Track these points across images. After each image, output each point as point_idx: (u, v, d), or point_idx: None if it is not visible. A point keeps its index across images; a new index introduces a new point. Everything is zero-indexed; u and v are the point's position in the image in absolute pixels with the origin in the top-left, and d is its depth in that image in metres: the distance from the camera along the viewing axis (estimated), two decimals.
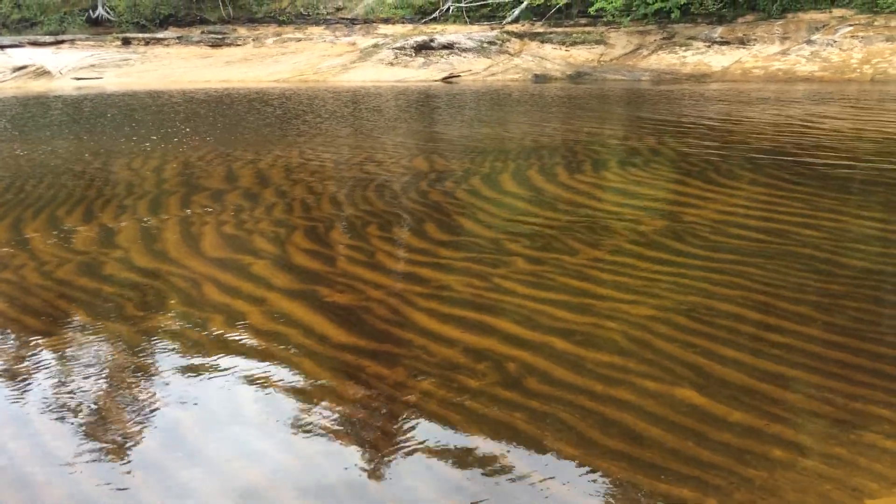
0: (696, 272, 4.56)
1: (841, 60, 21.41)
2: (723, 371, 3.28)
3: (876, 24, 22.13)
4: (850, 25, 22.45)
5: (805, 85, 19.38)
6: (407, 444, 2.82)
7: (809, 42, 22.69)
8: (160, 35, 31.03)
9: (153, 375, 3.43)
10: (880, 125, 11.10)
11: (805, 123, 11.51)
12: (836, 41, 22.15)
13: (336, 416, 3.03)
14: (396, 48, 26.51)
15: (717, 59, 23.64)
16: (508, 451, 2.73)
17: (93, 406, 3.16)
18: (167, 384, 3.34)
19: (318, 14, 31.82)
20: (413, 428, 2.92)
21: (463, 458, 2.71)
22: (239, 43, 30.28)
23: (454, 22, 29.29)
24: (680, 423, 2.88)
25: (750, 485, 2.48)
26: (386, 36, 28.69)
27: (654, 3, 24.61)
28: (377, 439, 2.86)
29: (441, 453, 2.75)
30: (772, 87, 18.80)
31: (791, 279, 4.37)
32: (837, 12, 23.44)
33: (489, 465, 2.66)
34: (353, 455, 2.76)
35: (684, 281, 4.41)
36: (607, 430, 2.86)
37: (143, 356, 3.63)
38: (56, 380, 3.41)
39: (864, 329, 3.68)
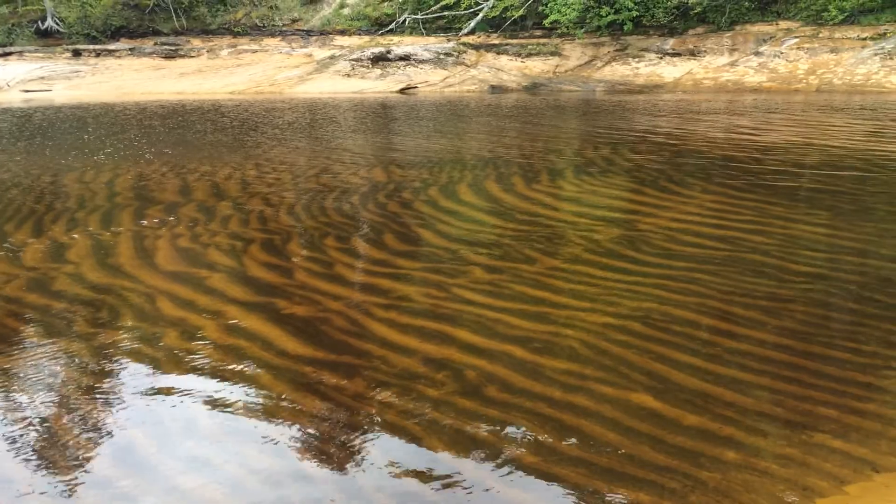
0: (651, 279, 4.63)
1: (788, 71, 22.00)
2: (678, 376, 3.34)
3: (821, 35, 22.81)
4: (796, 37, 23.11)
5: (754, 95, 19.86)
6: (367, 455, 2.81)
7: (757, 53, 23.28)
8: (112, 47, 30.55)
9: (106, 393, 3.37)
10: (826, 135, 11.42)
11: (754, 133, 11.79)
12: (782, 52, 22.77)
13: (295, 429, 3.01)
14: (353, 60, 26.51)
15: (669, 71, 24.13)
16: (469, 460, 2.74)
17: (44, 425, 3.08)
18: (121, 401, 3.28)
19: (273, 25, 31.65)
20: (373, 439, 2.92)
21: (423, 468, 2.71)
22: (193, 55, 29.96)
23: (411, 33, 29.39)
24: (636, 429, 2.92)
25: (705, 487, 2.53)
26: (342, 47, 28.66)
27: (607, 16, 25.02)
28: (337, 452, 2.85)
29: (401, 464, 2.74)
30: (722, 98, 19.22)
31: (743, 285, 4.46)
32: (784, 24, 24.11)
33: (450, 475, 2.66)
34: (312, 469, 2.74)
35: (640, 288, 4.48)
36: (566, 436, 2.88)
37: (96, 373, 3.56)
38: (5, 399, 3.32)
39: (812, 332, 3.77)
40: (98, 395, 3.34)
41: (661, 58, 24.82)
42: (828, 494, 2.48)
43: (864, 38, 22.00)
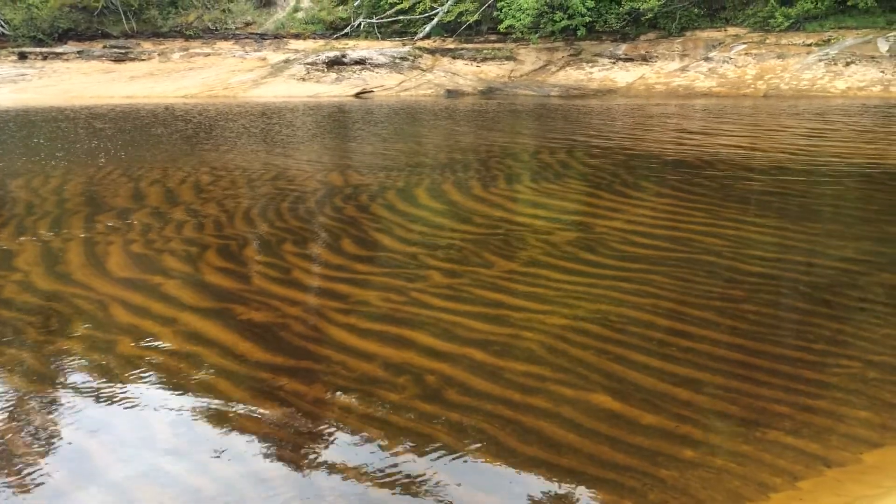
0: (607, 281, 4.69)
1: (736, 76, 22.50)
2: (635, 376, 3.39)
3: (768, 42, 23.39)
4: (745, 43, 23.66)
5: (704, 100, 20.26)
6: (328, 461, 2.79)
7: (707, 59, 23.77)
8: (59, 49, 29.86)
9: (59, 402, 3.29)
10: (774, 139, 11.71)
11: (705, 137, 12.03)
12: (731, 58, 23.29)
13: (254, 436, 2.97)
14: (308, 63, 26.33)
15: (622, 75, 24.50)
16: (430, 463, 2.74)
17: None
18: (74, 410, 3.20)
19: (226, 29, 31.29)
20: (334, 445, 2.90)
21: (385, 473, 2.70)
22: (143, 58, 29.45)
23: (366, 38, 29.33)
24: (595, 429, 2.96)
25: (663, 485, 2.57)
26: (297, 51, 28.45)
27: (560, 21, 25.29)
28: (297, 457, 2.82)
29: (362, 468, 2.73)
30: (673, 102, 19.57)
31: (696, 286, 4.55)
32: (732, 31, 24.67)
33: (411, 479, 2.66)
34: (272, 475, 2.71)
35: (596, 290, 4.53)
36: (526, 438, 2.90)
37: (48, 382, 3.47)
38: None
39: (764, 332, 3.86)
40: (50, 405, 3.26)
41: (614, 63, 25.18)
42: (782, 490, 2.54)
43: (810, 45, 22.63)
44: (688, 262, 5.04)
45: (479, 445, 2.85)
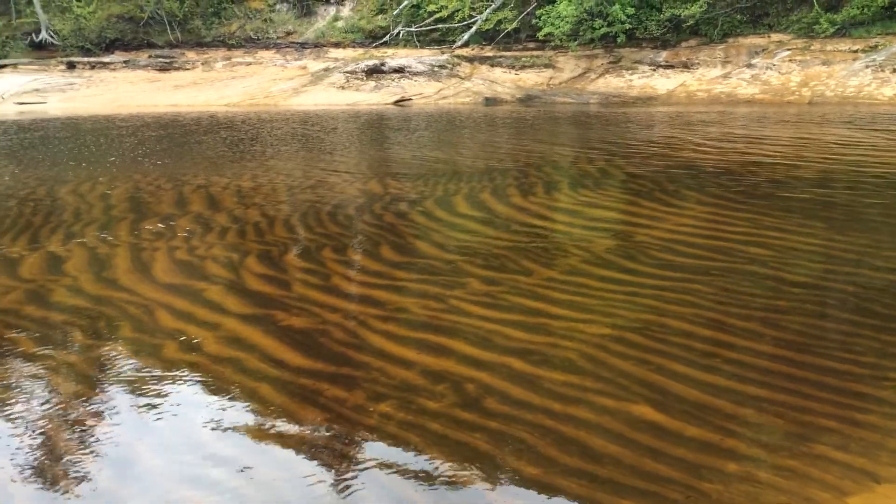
0: (648, 290, 4.64)
1: (780, 83, 22.14)
2: (677, 387, 3.34)
3: (812, 48, 22.97)
4: (789, 49, 23.28)
5: (747, 107, 19.98)
6: (367, 467, 2.80)
7: (750, 66, 23.43)
8: (106, 59, 30.57)
9: (105, 405, 3.35)
10: (819, 146, 11.49)
11: (748, 145, 11.86)
12: (775, 65, 22.93)
13: (295, 441, 3.00)
14: (347, 72, 26.57)
15: (663, 83, 24.27)
16: (469, 472, 2.73)
17: (43, 438, 3.07)
18: (120, 413, 3.27)
19: (268, 38, 31.73)
20: (373, 451, 2.91)
21: (424, 481, 2.70)
22: (188, 67, 29.99)
23: (405, 46, 29.49)
24: (637, 440, 2.92)
25: (707, 499, 2.53)
26: (337, 60, 28.74)
27: (600, 28, 25.14)
28: (337, 463, 2.84)
29: (402, 476, 2.74)
30: (715, 109, 19.33)
31: (739, 296, 4.48)
32: (776, 37, 24.29)
33: (450, 487, 2.65)
34: (313, 480, 2.73)
35: (637, 299, 4.49)
36: (566, 448, 2.88)
37: (95, 385, 3.55)
38: (3, 412, 3.30)
39: (810, 343, 3.78)
40: (97, 408, 3.32)
41: (654, 70, 24.97)
42: None
43: (856, 51, 22.16)
44: (730, 271, 4.97)
45: (518, 455, 2.84)
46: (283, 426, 3.11)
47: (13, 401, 3.40)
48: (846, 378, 3.38)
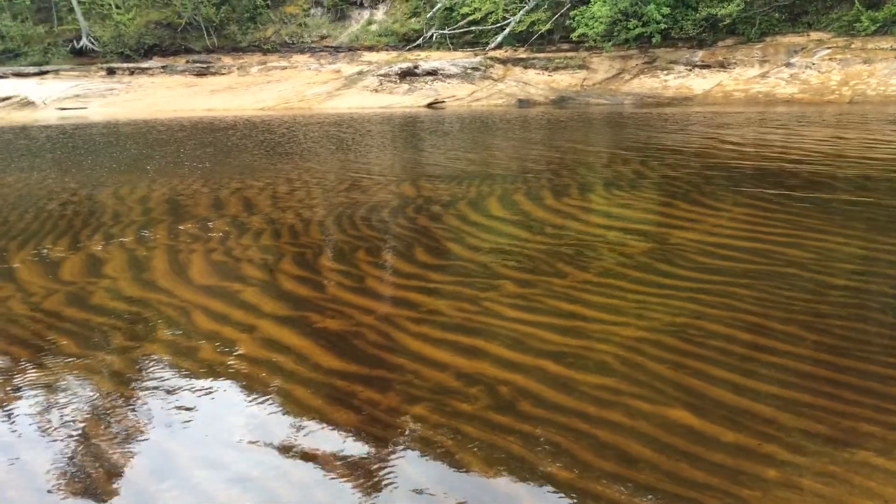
0: (684, 293, 4.58)
1: (820, 83, 21.76)
2: (715, 391, 3.29)
3: (853, 46, 22.54)
4: (828, 48, 22.86)
5: (785, 107, 19.66)
6: (401, 469, 2.80)
7: (788, 65, 23.07)
8: (145, 65, 31.11)
9: (143, 404, 3.40)
10: (860, 147, 11.26)
11: (786, 145, 11.66)
12: (814, 63, 22.53)
13: (329, 442, 3.01)
14: (381, 75, 26.70)
15: (699, 83, 24.00)
16: (503, 475, 2.72)
17: (82, 436, 3.12)
18: (157, 413, 3.31)
19: (302, 42, 32.04)
20: (406, 453, 2.91)
21: (457, 483, 2.69)
22: (224, 72, 30.40)
23: (438, 48, 29.56)
24: (674, 445, 2.88)
25: None
26: (370, 63, 28.90)
27: (634, 29, 24.96)
28: (370, 465, 2.84)
29: (435, 478, 2.73)
30: (753, 110, 19.05)
31: (779, 299, 4.40)
32: (815, 35, 23.88)
33: (484, 490, 2.64)
34: (346, 482, 2.74)
35: (673, 302, 4.43)
36: (601, 452, 2.85)
37: (133, 385, 3.60)
38: (45, 410, 3.37)
39: (852, 347, 3.70)
40: (136, 408, 3.37)
41: (690, 70, 24.70)
42: None
43: None
44: (769, 274, 4.89)
45: (552, 458, 2.82)
46: (318, 428, 3.12)
47: (54, 401, 3.47)
48: (889, 382, 3.30)
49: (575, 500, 2.57)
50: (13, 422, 3.29)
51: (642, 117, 18.31)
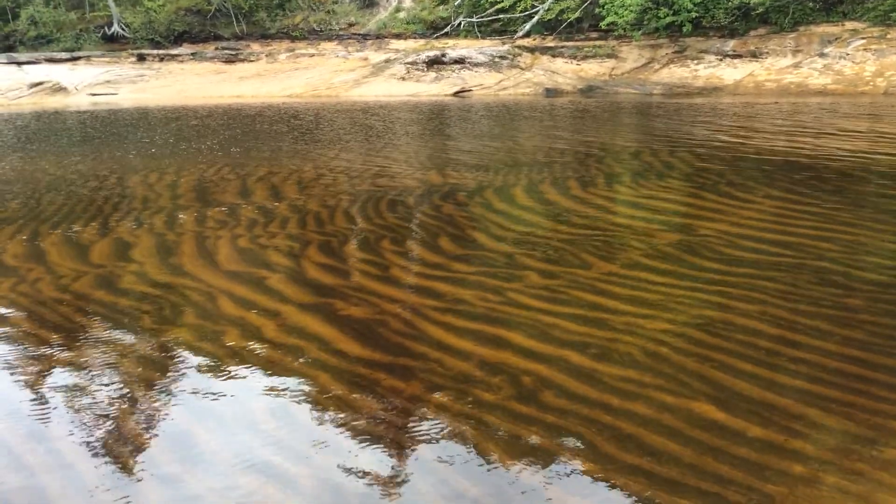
0: (711, 286, 4.53)
1: (854, 73, 21.35)
2: (741, 385, 3.25)
3: (889, 36, 22.08)
4: (863, 38, 22.42)
5: (818, 98, 19.33)
6: (423, 457, 2.81)
7: (822, 55, 22.66)
8: (174, 51, 31.33)
9: (169, 388, 3.44)
10: (894, 140, 11.04)
11: (818, 137, 11.47)
12: (848, 54, 22.11)
13: (352, 429, 3.02)
14: (408, 63, 26.66)
15: (730, 73, 23.66)
16: (525, 466, 2.72)
17: (109, 418, 3.17)
18: (183, 396, 3.35)
19: (330, 30, 32.06)
20: (429, 442, 2.91)
21: (479, 473, 2.69)
22: (252, 59, 30.53)
23: (465, 37, 29.43)
24: (698, 438, 2.86)
25: (770, 501, 2.45)
26: (398, 51, 28.85)
27: (665, 17, 24.66)
28: (393, 453, 2.85)
29: (457, 467, 2.73)
30: (785, 100, 18.76)
31: (808, 293, 4.34)
32: (850, 25, 23.42)
33: (506, 480, 2.64)
34: (368, 469, 2.75)
35: (700, 295, 4.39)
36: (624, 444, 2.84)
37: (160, 369, 3.65)
38: (73, 392, 3.42)
39: (881, 343, 3.64)
40: (162, 391, 3.41)
41: (720, 59, 24.35)
42: None
43: None
44: (798, 267, 4.81)
45: (575, 449, 2.81)
46: (341, 415, 3.14)
47: (82, 383, 3.52)
48: None
49: (597, 492, 2.56)
50: (41, 403, 3.34)
51: (671, 107, 18.11)
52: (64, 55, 31.02)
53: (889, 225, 5.84)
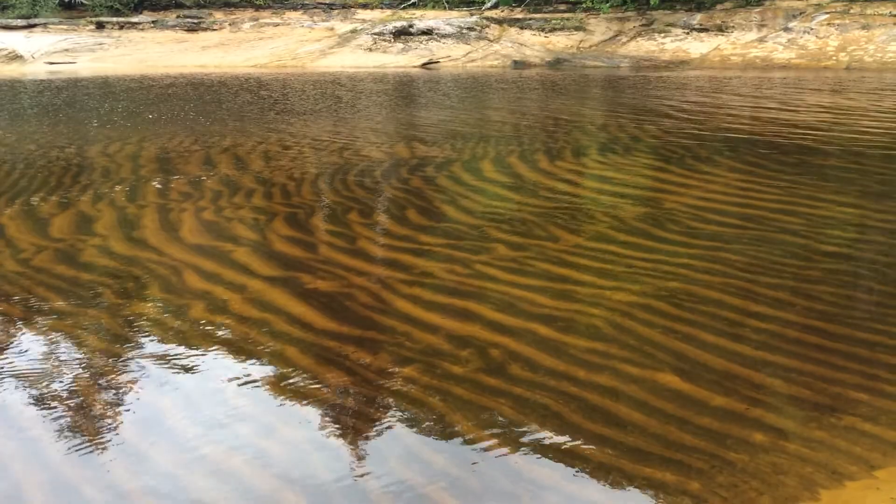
0: (676, 258, 4.58)
1: (817, 48, 21.60)
2: (704, 356, 3.31)
3: (852, 11, 22.33)
4: (827, 13, 22.64)
5: (782, 72, 19.54)
6: (391, 430, 2.82)
7: (787, 29, 22.86)
8: (135, 19, 30.55)
9: (133, 362, 3.40)
10: (855, 113, 11.22)
11: (782, 111, 11.61)
12: (812, 28, 22.33)
13: (319, 402, 3.02)
14: (375, 34, 26.34)
15: (696, 46, 23.76)
16: (493, 437, 2.74)
17: (71, 393, 3.12)
18: (147, 371, 3.31)
19: None
20: (397, 414, 2.92)
21: (447, 444, 2.71)
22: (215, 28, 29.90)
23: (433, 7, 29.15)
24: (662, 408, 2.90)
25: (732, 468, 2.51)
26: (364, 21, 28.49)
27: None
28: (361, 426, 2.86)
29: (425, 439, 2.75)
30: (750, 75, 18.93)
31: (770, 265, 4.41)
32: (814, 0, 23.62)
33: (473, 451, 2.66)
34: (336, 442, 2.76)
35: (665, 267, 4.44)
36: (590, 415, 2.87)
37: (123, 343, 3.60)
38: (34, 368, 3.36)
39: (841, 314, 3.72)
40: (126, 365, 3.37)
41: (687, 33, 24.43)
42: (857, 478, 2.45)
43: None
44: (761, 240, 4.89)
45: (542, 421, 2.83)
46: (308, 387, 3.13)
47: (43, 359, 3.46)
48: (877, 349, 3.32)
49: (564, 463, 2.59)
50: (3, 382, 3.28)
51: (638, 81, 18.17)
52: (20, 22, 30.06)
53: (849, 198, 5.95)
